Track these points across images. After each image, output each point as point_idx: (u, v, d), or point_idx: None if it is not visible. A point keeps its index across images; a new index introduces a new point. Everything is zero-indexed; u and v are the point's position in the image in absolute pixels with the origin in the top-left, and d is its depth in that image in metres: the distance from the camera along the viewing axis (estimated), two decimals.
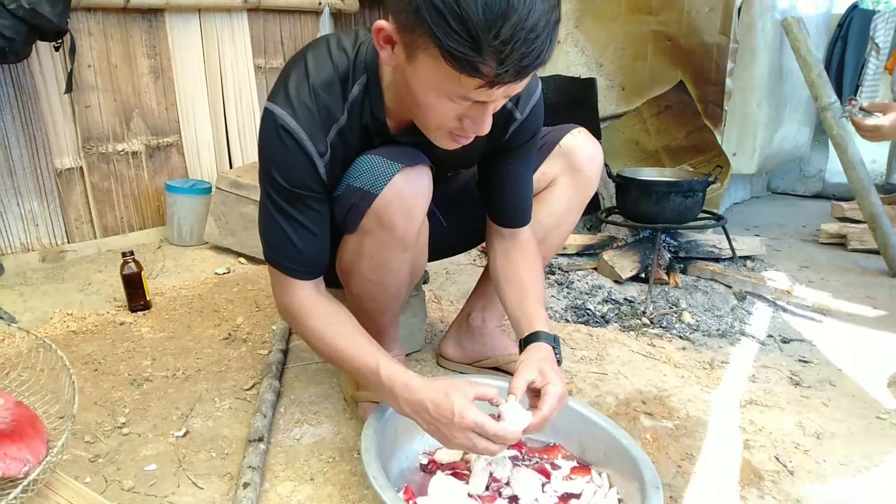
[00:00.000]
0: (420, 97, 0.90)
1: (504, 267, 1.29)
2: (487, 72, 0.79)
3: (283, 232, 1.06)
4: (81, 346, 1.72)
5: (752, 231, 3.01)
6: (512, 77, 0.80)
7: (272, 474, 1.19)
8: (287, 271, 1.10)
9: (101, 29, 2.44)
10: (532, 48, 0.78)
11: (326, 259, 1.13)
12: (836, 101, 2.57)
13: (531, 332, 1.15)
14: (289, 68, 1.04)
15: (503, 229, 1.30)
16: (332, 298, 1.15)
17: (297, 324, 1.13)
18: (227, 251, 2.53)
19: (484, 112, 0.90)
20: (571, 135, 1.36)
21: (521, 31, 0.76)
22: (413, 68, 0.86)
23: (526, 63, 0.79)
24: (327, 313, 1.11)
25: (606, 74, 2.99)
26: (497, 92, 0.83)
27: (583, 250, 2.44)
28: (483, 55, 0.77)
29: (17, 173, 2.30)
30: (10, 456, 0.78)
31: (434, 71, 0.83)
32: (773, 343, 1.81)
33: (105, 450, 1.26)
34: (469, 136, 0.96)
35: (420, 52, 0.83)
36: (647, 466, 1.02)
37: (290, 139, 0.99)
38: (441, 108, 0.90)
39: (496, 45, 0.76)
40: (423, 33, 0.79)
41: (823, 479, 1.21)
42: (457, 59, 0.78)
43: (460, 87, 0.83)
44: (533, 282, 1.24)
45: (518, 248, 1.29)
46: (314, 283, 1.13)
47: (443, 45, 0.77)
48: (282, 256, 1.09)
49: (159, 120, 2.68)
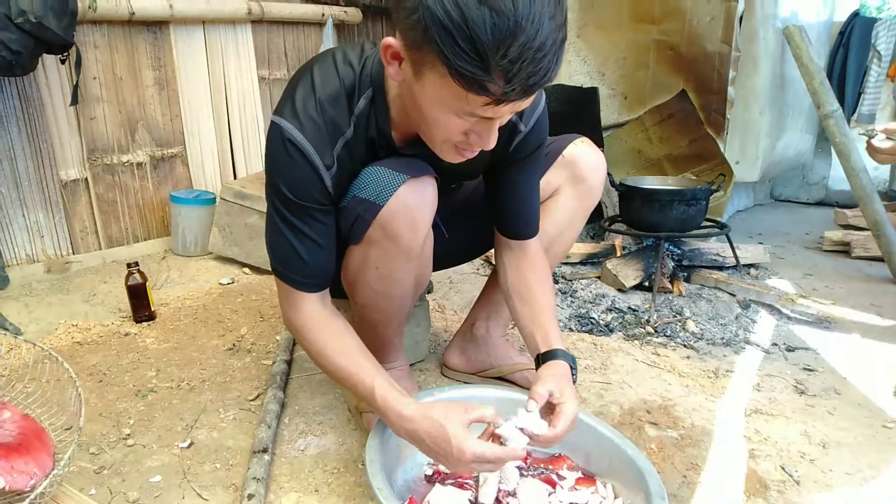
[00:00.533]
0: (427, 113, 0.91)
1: (515, 281, 1.28)
2: (495, 90, 0.79)
3: (289, 244, 1.07)
4: (86, 357, 1.72)
5: (755, 239, 3.00)
6: (519, 95, 0.81)
7: (277, 485, 1.19)
8: (293, 283, 1.10)
9: (106, 42, 2.46)
10: (539, 67, 0.78)
11: (332, 271, 1.14)
12: (838, 108, 2.57)
13: (549, 348, 1.15)
14: (295, 82, 1.05)
15: (511, 241, 1.30)
16: (337, 314, 1.16)
17: (300, 337, 1.14)
18: (232, 261, 2.54)
19: (490, 127, 0.91)
20: (574, 144, 1.37)
21: (528, 51, 0.76)
22: (420, 85, 0.87)
23: (533, 81, 0.80)
24: (330, 329, 1.12)
25: (609, 83, 3.00)
26: (504, 109, 0.84)
27: (586, 259, 2.44)
28: (491, 74, 0.78)
29: (22, 185, 2.31)
30: (17, 469, 0.79)
31: (441, 88, 0.83)
32: (777, 351, 1.80)
33: (110, 461, 1.26)
34: (475, 150, 0.97)
35: (427, 70, 0.83)
36: (652, 476, 1.02)
37: (297, 153, 1.00)
38: (447, 124, 0.90)
39: (504, 64, 0.77)
40: (430, 51, 0.80)
41: (830, 489, 1.20)
42: (465, 78, 0.79)
43: (467, 104, 0.83)
44: (545, 296, 1.25)
45: (527, 260, 1.29)
46: (320, 297, 1.13)
47: (451, 63, 0.78)
48: (288, 269, 1.09)
49: (164, 131, 2.70)
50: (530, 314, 1.23)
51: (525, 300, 1.25)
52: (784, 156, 3.27)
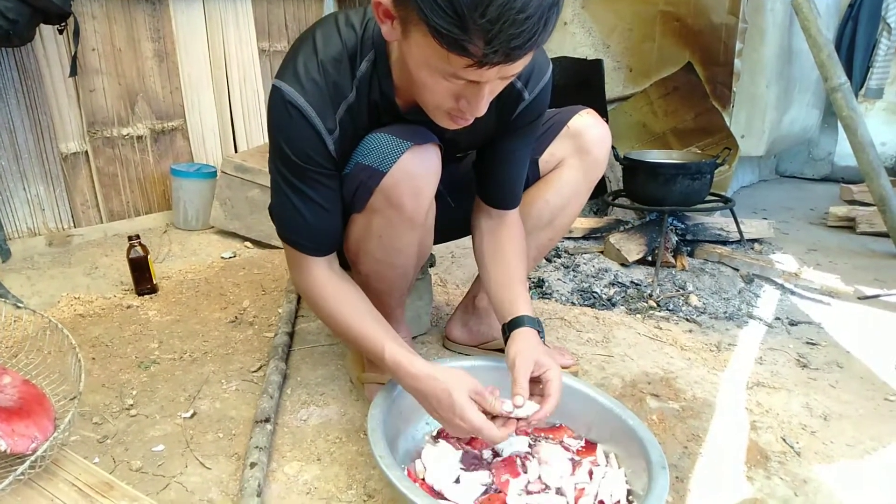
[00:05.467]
0: (415, 74, 0.89)
1: (490, 244, 1.29)
2: (475, 51, 0.76)
3: (294, 208, 1.06)
4: (89, 329, 1.73)
5: (760, 214, 2.99)
6: (502, 58, 0.78)
7: (279, 454, 1.20)
8: (300, 248, 1.11)
9: (104, 12, 2.42)
10: (521, 29, 0.75)
11: (338, 235, 1.14)
12: (846, 81, 2.53)
13: (514, 316, 1.17)
14: (297, 45, 1.03)
15: (491, 210, 1.30)
16: (346, 277, 1.16)
17: (311, 302, 1.15)
18: (233, 235, 2.53)
19: (478, 92, 0.88)
20: (580, 116, 1.35)
21: (509, 12, 0.73)
22: (408, 45, 0.85)
23: (515, 44, 0.76)
24: (339, 293, 1.13)
25: (613, 56, 2.96)
26: (489, 73, 0.81)
27: (589, 233, 2.43)
28: (469, 34, 0.75)
29: (22, 158, 2.30)
30: (18, 432, 0.79)
31: (425, 48, 0.81)
32: (780, 325, 1.80)
33: (113, 431, 1.27)
34: (467, 117, 0.95)
35: (412, 28, 0.81)
36: (653, 446, 1.02)
37: (299, 115, 0.99)
38: (435, 86, 0.88)
39: (482, 24, 0.73)
40: (413, 8, 0.77)
41: (831, 460, 1.20)
42: (443, 37, 0.76)
43: (449, 65, 0.81)
44: (519, 263, 1.25)
45: (505, 228, 1.29)
46: (327, 261, 1.14)
47: (429, 21, 0.76)
48: (294, 233, 1.10)
49: (164, 104, 2.67)
50: (502, 280, 1.24)
51: (499, 266, 1.26)
52: (790, 130, 3.23)
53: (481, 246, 1.31)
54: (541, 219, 1.39)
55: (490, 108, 0.94)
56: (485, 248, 1.30)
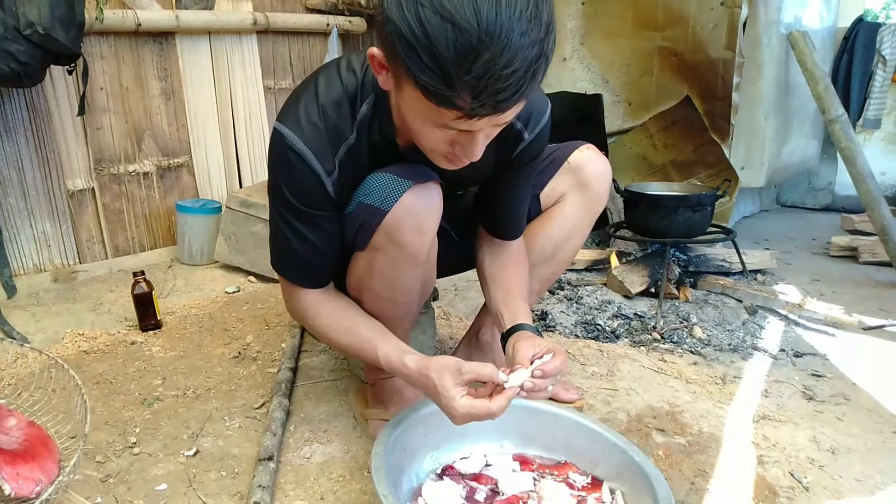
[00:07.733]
0: (410, 123, 0.92)
1: (492, 266, 1.31)
2: (463, 105, 0.78)
3: (289, 245, 1.10)
4: (93, 365, 1.73)
5: (762, 244, 2.99)
6: (490, 110, 0.79)
7: (282, 493, 1.19)
8: (294, 281, 1.15)
9: (113, 52, 2.47)
10: (507, 84, 0.76)
11: (331, 272, 1.17)
12: (843, 113, 2.57)
13: (514, 324, 1.18)
14: (300, 89, 1.06)
15: (494, 238, 1.32)
16: (338, 293, 1.19)
17: (305, 324, 1.19)
18: (237, 270, 2.55)
19: (472, 140, 0.90)
20: (580, 151, 1.37)
21: (494, 67, 0.74)
22: (401, 95, 0.87)
23: (502, 98, 0.78)
24: (330, 312, 1.16)
25: (612, 90, 3.00)
26: (479, 123, 0.83)
27: (592, 265, 2.44)
28: (456, 90, 0.77)
29: (30, 195, 2.32)
30: (23, 476, 0.79)
31: (416, 100, 0.83)
32: (785, 357, 1.79)
33: (116, 469, 1.26)
34: (463, 161, 0.96)
35: (403, 81, 0.83)
36: (660, 483, 1.01)
37: (298, 159, 1.01)
38: (429, 135, 0.91)
39: (468, 80, 0.75)
40: (401, 65, 0.80)
41: (840, 496, 1.19)
42: (431, 94, 0.78)
43: (440, 117, 0.83)
44: (519, 282, 1.27)
45: (507, 252, 1.32)
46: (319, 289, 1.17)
47: (417, 79, 0.78)
48: (289, 267, 1.14)
49: (170, 141, 2.71)
50: (502, 297, 1.26)
51: (499, 285, 1.28)
52: (790, 161, 3.26)
53: (483, 267, 1.33)
54: (543, 253, 1.40)
55: (490, 147, 0.96)
56: (486, 268, 1.32)
